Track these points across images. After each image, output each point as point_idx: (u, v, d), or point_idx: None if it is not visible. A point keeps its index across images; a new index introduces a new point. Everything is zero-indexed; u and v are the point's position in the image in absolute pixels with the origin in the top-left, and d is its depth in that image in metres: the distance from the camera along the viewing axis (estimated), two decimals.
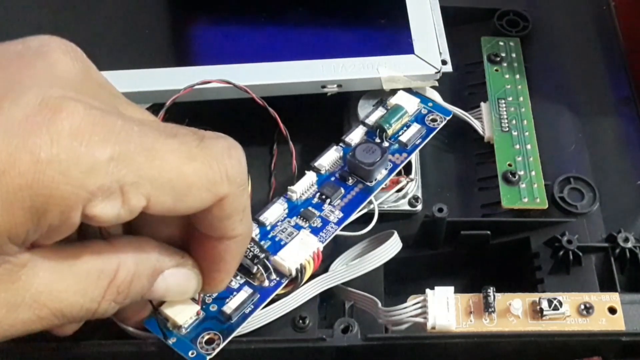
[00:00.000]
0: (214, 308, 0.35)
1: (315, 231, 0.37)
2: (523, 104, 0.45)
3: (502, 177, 0.42)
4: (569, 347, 0.35)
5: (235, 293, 0.35)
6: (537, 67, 0.48)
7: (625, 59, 0.49)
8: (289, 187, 0.38)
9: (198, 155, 0.28)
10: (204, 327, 0.34)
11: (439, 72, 0.43)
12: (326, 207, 0.38)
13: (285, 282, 0.36)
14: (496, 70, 0.47)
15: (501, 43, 0.48)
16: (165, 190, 0.27)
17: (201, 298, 0.34)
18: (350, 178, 0.39)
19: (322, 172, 0.39)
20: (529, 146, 0.43)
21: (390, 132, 0.41)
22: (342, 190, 0.39)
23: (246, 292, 0.35)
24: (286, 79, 0.42)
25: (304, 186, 0.39)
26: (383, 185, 0.40)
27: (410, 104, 0.42)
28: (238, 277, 0.35)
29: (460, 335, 0.35)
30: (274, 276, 0.35)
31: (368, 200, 0.39)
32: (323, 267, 0.38)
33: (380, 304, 0.36)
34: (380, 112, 0.42)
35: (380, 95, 0.44)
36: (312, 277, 0.38)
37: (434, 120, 0.42)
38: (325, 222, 0.38)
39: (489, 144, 0.44)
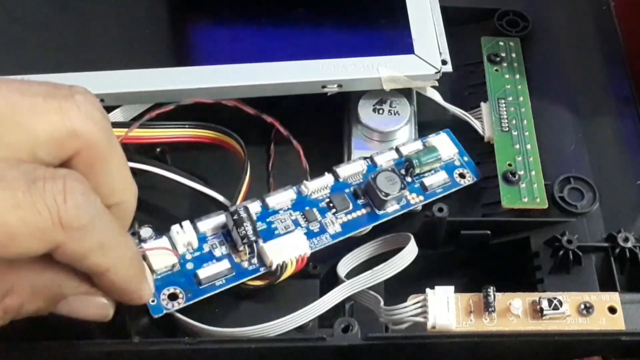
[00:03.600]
0: (190, 267, 0.35)
1: (310, 235, 0.37)
2: (523, 104, 0.45)
3: (502, 177, 0.42)
4: (569, 347, 0.35)
5: (214, 261, 0.36)
6: (537, 67, 0.48)
7: (625, 59, 0.49)
8: (304, 181, 0.39)
9: (24, 202, 0.26)
10: (173, 281, 0.35)
11: (439, 72, 0.43)
12: (329, 215, 0.38)
13: (262, 271, 0.36)
14: (496, 70, 0.47)
15: (501, 43, 0.48)
16: None
17: (180, 253, 0.35)
18: (362, 197, 0.39)
19: (340, 179, 0.39)
20: (529, 146, 0.43)
21: (417, 170, 0.40)
22: (351, 206, 0.39)
23: (225, 265, 0.36)
24: (286, 79, 0.42)
25: (318, 186, 0.39)
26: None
27: (446, 150, 0.41)
28: (223, 247, 0.36)
29: (460, 334, 0.35)
30: (255, 261, 0.36)
31: (370, 227, 0.39)
32: (327, 268, 0.39)
33: (382, 302, 0.36)
34: (417, 145, 0.41)
35: (380, 95, 0.44)
36: (310, 275, 0.38)
37: (462, 176, 0.41)
38: (322, 230, 0.38)
39: (489, 144, 0.44)
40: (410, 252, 0.37)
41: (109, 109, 0.41)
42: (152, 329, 0.36)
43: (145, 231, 0.36)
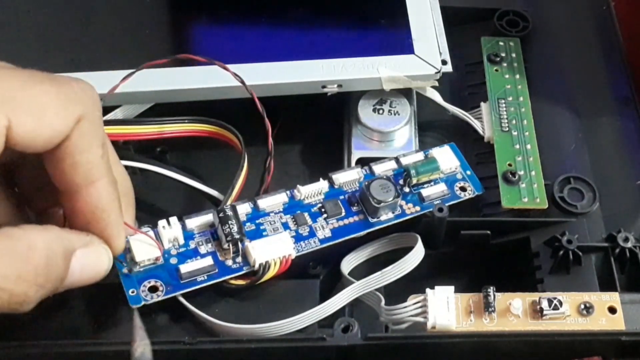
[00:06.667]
0: (173, 261, 0.36)
1: (297, 238, 0.37)
2: (523, 104, 0.45)
3: (502, 177, 0.42)
4: (568, 347, 0.35)
5: (198, 257, 0.36)
6: (537, 67, 0.48)
7: (625, 59, 0.49)
8: (297, 186, 0.38)
9: (45, 80, 0.30)
10: (155, 274, 0.35)
11: (439, 72, 0.43)
12: (320, 220, 0.38)
13: (245, 270, 0.36)
14: (496, 70, 0.47)
15: (501, 43, 0.48)
16: (22, 109, 0.29)
17: (164, 247, 0.35)
18: (356, 205, 0.39)
19: (336, 186, 0.39)
20: (529, 146, 0.43)
21: (414, 180, 0.39)
22: (343, 212, 0.38)
23: (208, 262, 0.36)
24: (286, 79, 0.42)
25: (312, 191, 0.38)
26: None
27: (448, 163, 0.40)
28: (209, 245, 0.36)
29: (460, 334, 0.35)
30: (239, 259, 0.36)
31: (362, 233, 0.38)
32: (327, 268, 0.38)
33: (383, 302, 0.36)
34: (418, 156, 0.41)
35: (380, 95, 0.44)
36: (310, 275, 0.38)
37: (463, 189, 0.40)
38: (311, 234, 0.37)
39: (489, 144, 0.44)
40: (418, 253, 0.37)
41: (109, 109, 0.41)
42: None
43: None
